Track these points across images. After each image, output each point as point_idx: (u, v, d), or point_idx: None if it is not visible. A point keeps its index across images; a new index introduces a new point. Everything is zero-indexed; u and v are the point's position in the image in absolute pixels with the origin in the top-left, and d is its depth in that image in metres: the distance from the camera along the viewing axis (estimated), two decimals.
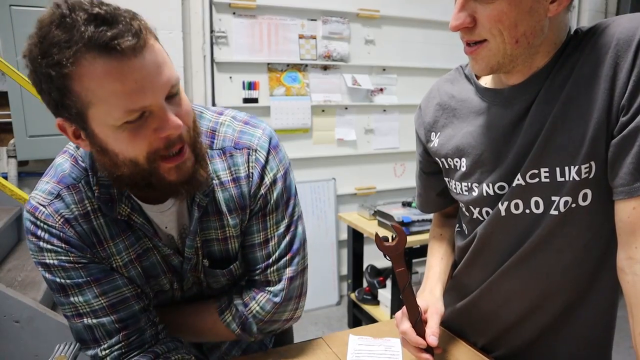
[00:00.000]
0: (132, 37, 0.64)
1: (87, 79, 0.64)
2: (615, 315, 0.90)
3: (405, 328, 0.86)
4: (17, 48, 2.55)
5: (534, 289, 0.88)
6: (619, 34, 0.72)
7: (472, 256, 0.95)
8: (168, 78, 0.69)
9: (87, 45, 0.62)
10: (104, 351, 0.83)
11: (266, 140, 0.90)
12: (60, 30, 0.62)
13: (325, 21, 3.39)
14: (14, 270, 2.22)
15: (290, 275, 0.94)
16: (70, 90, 0.65)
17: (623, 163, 0.72)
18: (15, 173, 2.71)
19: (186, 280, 0.94)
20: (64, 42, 0.62)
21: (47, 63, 0.63)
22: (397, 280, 0.86)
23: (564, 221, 0.80)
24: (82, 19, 0.62)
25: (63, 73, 0.63)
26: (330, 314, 3.43)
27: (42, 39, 0.63)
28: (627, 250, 0.73)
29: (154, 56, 0.67)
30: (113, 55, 0.63)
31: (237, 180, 0.88)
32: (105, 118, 0.67)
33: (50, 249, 0.80)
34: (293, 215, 0.94)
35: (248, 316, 0.94)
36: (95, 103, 0.66)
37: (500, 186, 0.84)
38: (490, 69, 0.78)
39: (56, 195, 0.81)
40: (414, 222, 2.49)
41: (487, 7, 0.72)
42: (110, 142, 0.70)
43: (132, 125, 0.68)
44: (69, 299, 0.82)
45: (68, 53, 0.62)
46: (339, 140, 3.57)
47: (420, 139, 1.01)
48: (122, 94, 0.65)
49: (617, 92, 0.72)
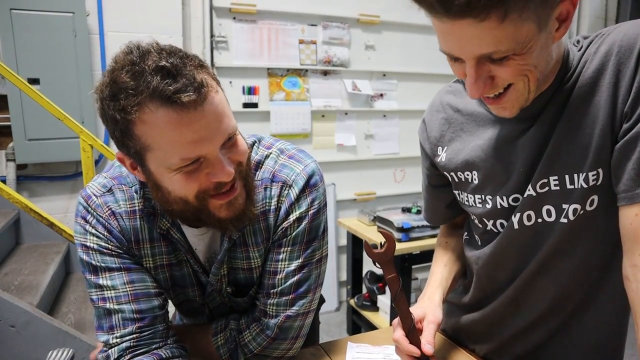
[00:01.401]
0: (193, 92, 0.67)
1: (148, 126, 0.68)
2: (626, 320, 0.89)
3: (397, 336, 0.85)
4: (17, 52, 2.55)
5: (546, 296, 0.87)
6: (620, 42, 0.72)
7: (485, 271, 0.94)
8: (225, 129, 0.73)
9: (151, 96, 0.66)
10: (115, 339, 0.85)
11: (304, 177, 0.89)
12: (129, 76, 0.67)
13: (325, 26, 3.40)
14: (11, 274, 2.20)
15: (288, 314, 0.92)
16: (132, 133, 0.70)
17: (625, 169, 0.72)
18: (14, 176, 2.71)
19: (212, 300, 0.97)
20: (131, 89, 0.66)
21: (114, 106, 0.68)
22: (389, 287, 0.84)
23: (574, 228, 0.80)
24: (149, 68, 0.66)
25: (127, 118, 0.68)
26: (329, 319, 3.42)
27: (113, 82, 0.68)
28: (631, 257, 0.72)
29: (214, 108, 0.71)
30: (174, 107, 0.67)
31: (266, 213, 0.90)
32: (162, 161, 0.72)
33: (94, 233, 0.87)
34: (311, 258, 0.92)
35: (239, 343, 0.93)
36: (154, 148, 0.70)
37: (514, 198, 0.84)
38: (517, 109, 0.76)
39: (108, 189, 0.88)
40: (413, 228, 2.48)
41: (503, 65, 0.68)
42: (164, 181, 0.75)
43: (187, 169, 0.72)
44: (99, 281, 0.86)
45: (133, 100, 0.67)
46: (339, 145, 3.57)
47: (426, 153, 0.99)
48: (180, 143, 0.69)
49: (620, 100, 0.72)
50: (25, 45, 2.57)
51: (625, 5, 3.95)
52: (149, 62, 0.67)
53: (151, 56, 0.67)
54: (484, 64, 0.68)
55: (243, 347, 0.93)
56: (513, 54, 0.66)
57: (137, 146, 0.71)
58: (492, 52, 0.65)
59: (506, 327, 0.94)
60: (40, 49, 2.61)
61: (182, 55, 0.70)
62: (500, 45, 0.64)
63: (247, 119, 3.27)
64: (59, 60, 2.66)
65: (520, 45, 0.65)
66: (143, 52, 0.68)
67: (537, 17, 0.63)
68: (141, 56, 0.67)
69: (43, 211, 2.42)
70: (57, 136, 2.65)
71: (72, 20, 2.65)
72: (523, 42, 0.64)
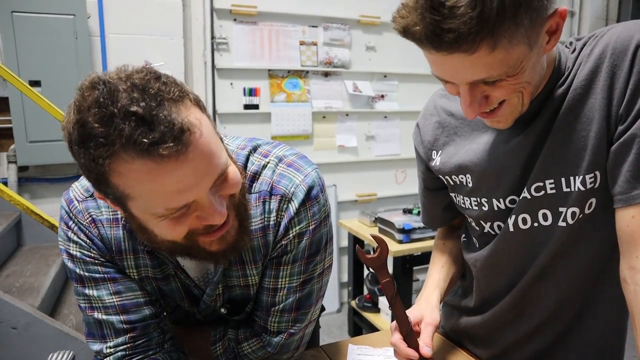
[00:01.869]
0: (173, 142, 0.57)
1: (125, 177, 0.59)
2: (626, 320, 0.89)
3: (395, 340, 0.84)
4: (18, 54, 2.56)
5: (548, 302, 0.87)
6: (614, 43, 0.72)
7: (483, 274, 0.93)
8: (214, 169, 0.64)
9: (125, 146, 0.56)
10: (109, 349, 0.83)
11: (303, 189, 0.81)
12: (98, 120, 0.56)
13: (326, 27, 3.40)
14: (13, 276, 2.20)
15: (291, 331, 0.89)
16: (108, 181, 0.60)
17: (621, 171, 0.71)
18: (15, 178, 2.71)
19: (205, 309, 0.92)
20: (101, 137, 0.56)
21: (84, 154, 0.59)
22: (384, 292, 0.84)
23: (573, 231, 0.79)
24: (120, 113, 0.56)
25: (101, 170, 0.59)
26: (330, 321, 3.41)
27: (80, 126, 0.58)
28: (628, 259, 0.72)
29: (199, 152, 0.61)
30: (152, 158, 0.57)
31: (265, 229, 0.82)
32: (145, 210, 0.64)
33: (76, 240, 0.82)
34: (313, 272, 0.86)
35: (238, 354, 0.91)
36: (134, 197, 0.62)
37: (511, 200, 0.84)
38: (512, 121, 0.76)
39: (91, 194, 0.82)
40: (415, 229, 2.48)
41: (496, 86, 0.68)
42: (149, 225, 0.68)
43: (174, 216, 0.64)
44: (85, 291, 0.83)
45: (105, 151, 0.57)
46: (340, 146, 3.56)
47: (421, 157, 0.99)
48: (162, 193, 0.61)
49: (614, 101, 0.71)
50: (26, 47, 2.58)
51: (626, 6, 3.95)
52: (118, 105, 0.56)
53: (120, 96, 0.56)
54: (477, 86, 0.69)
55: (242, 357, 0.91)
56: (506, 76, 0.66)
57: (116, 193, 0.62)
58: (485, 78, 0.66)
59: (508, 332, 0.94)
60: (42, 51, 2.61)
61: (157, 90, 0.58)
62: (493, 71, 0.65)
63: (247, 120, 3.28)
64: (60, 62, 2.66)
65: (512, 68, 0.65)
66: (111, 90, 0.57)
67: (527, 39, 0.63)
68: (109, 95, 0.56)
69: (44, 213, 2.42)
70: (58, 138, 2.63)
71: (73, 23, 2.65)
72: (515, 65, 0.65)
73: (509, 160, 0.82)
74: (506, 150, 0.82)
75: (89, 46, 2.74)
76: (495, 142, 0.84)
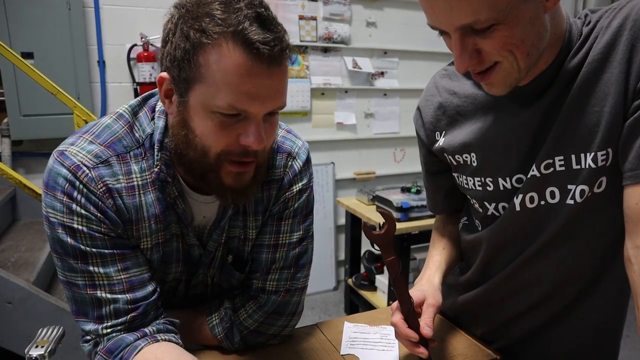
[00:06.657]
0: (276, 49, 0.66)
1: (217, 59, 0.65)
2: (626, 303, 0.88)
3: (396, 320, 0.83)
4: (9, 25, 2.49)
5: (548, 279, 0.86)
6: (635, 16, 0.69)
7: (486, 253, 0.92)
8: (278, 100, 0.72)
9: (236, 33, 0.64)
10: (106, 329, 0.78)
11: (305, 151, 0.92)
12: (222, 6, 0.66)
13: (326, 2, 3.32)
14: (8, 250, 2.20)
15: (288, 288, 0.92)
16: (195, 57, 0.66)
17: (633, 147, 0.69)
18: (9, 153, 2.68)
19: (195, 276, 0.92)
20: (219, 18, 0.65)
21: (192, 25, 0.66)
22: (388, 270, 0.82)
23: (581, 210, 0.77)
24: (245, 8, 0.65)
25: (201, 41, 0.65)
26: (327, 299, 3.43)
27: (201, 4, 0.66)
28: (634, 238, 0.70)
29: (282, 75, 0.70)
30: (252, 54, 0.65)
31: (269, 182, 0.89)
32: (207, 98, 0.68)
33: (84, 214, 0.74)
34: (308, 231, 0.94)
35: (234, 322, 0.91)
36: (207, 82, 0.67)
37: (518, 179, 0.81)
38: (508, 87, 0.74)
39: (104, 160, 0.75)
40: (413, 207, 2.46)
41: (487, 37, 0.67)
42: (196, 120, 0.71)
43: (224, 118, 0.69)
44: (88, 267, 0.76)
45: (217, 29, 0.65)
46: (339, 124, 3.53)
47: (422, 141, 0.97)
48: (236, 89, 0.66)
49: (632, 76, 0.69)
50: (18, 18, 2.51)
51: None
52: (244, 3, 0.66)
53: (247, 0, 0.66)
54: (469, 36, 0.67)
55: (238, 325, 0.91)
56: (497, 24, 0.64)
57: (192, 73, 0.67)
58: (472, 22, 0.64)
59: (504, 309, 0.93)
60: (34, 23, 2.54)
61: (275, 16, 0.70)
62: (479, 14, 0.63)
63: None
64: (53, 34, 2.60)
65: (501, 14, 0.63)
66: None
67: None
68: None
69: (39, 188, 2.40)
70: (52, 112, 2.61)
71: None
72: (504, 10, 0.63)
73: (516, 136, 0.79)
74: (513, 126, 0.80)
75: (82, 17, 2.67)
76: (501, 118, 0.81)
